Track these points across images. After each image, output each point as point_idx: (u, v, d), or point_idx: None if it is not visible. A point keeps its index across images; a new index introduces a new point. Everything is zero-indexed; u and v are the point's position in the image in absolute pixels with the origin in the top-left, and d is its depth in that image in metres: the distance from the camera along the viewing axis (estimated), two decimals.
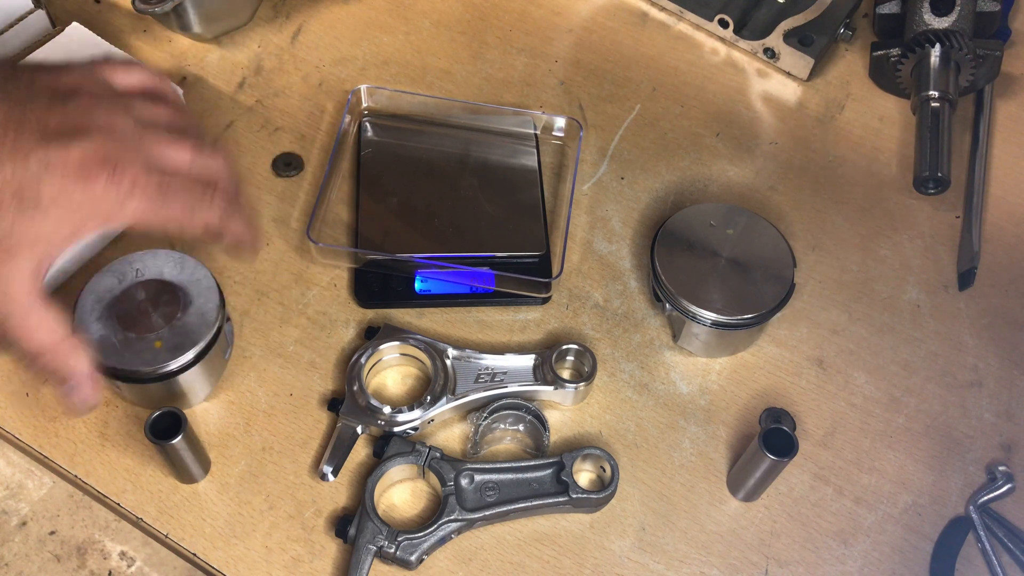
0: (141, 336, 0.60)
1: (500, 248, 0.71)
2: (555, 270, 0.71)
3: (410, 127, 0.78)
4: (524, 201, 0.74)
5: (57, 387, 0.55)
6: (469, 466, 0.62)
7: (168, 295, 0.62)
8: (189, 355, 0.60)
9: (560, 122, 0.78)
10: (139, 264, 0.63)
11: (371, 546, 0.58)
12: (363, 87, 0.77)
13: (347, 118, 0.76)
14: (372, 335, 0.67)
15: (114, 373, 0.59)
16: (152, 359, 0.59)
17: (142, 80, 0.59)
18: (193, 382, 0.62)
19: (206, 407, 0.65)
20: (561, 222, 0.73)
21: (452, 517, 0.60)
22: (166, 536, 0.61)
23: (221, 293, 0.62)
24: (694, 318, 0.66)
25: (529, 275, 0.69)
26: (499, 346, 0.69)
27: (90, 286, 0.62)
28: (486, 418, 0.64)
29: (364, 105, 0.78)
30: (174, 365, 0.60)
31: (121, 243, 0.72)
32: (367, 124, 0.77)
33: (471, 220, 0.73)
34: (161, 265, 0.63)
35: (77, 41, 0.72)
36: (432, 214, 0.73)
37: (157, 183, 0.53)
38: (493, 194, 0.74)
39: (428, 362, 0.66)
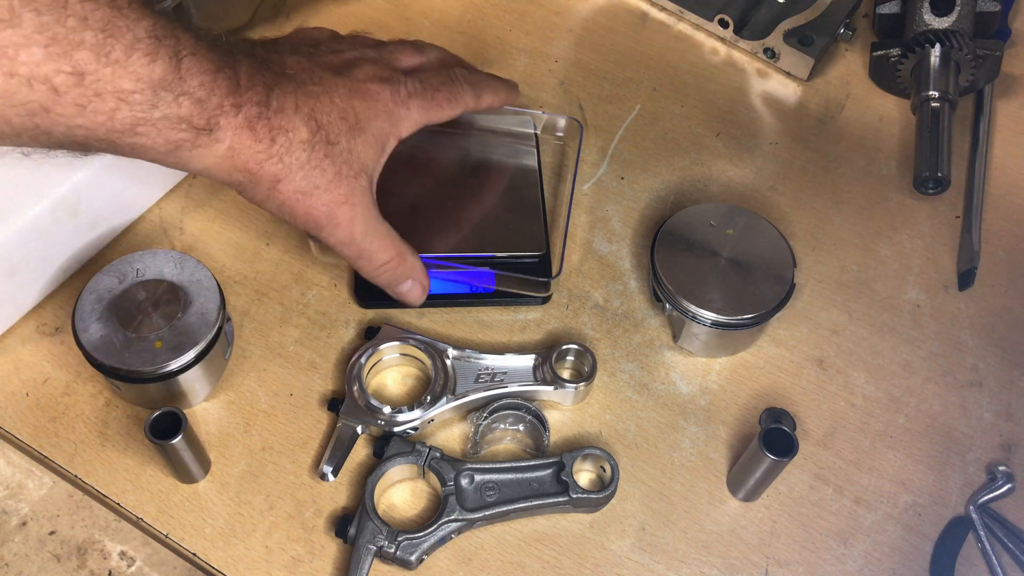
0: (141, 336, 0.60)
1: (500, 248, 0.71)
2: (555, 269, 0.71)
3: (412, 140, 0.77)
4: (524, 201, 0.74)
5: (391, 291, 0.64)
6: (469, 466, 0.62)
7: (168, 295, 0.62)
8: (189, 355, 0.60)
9: (561, 122, 0.78)
10: (139, 264, 0.63)
11: (371, 546, 0.58)
12: None
13: None
14: (372, 335, 0.67)
15: (114, 373, 0.59)
16: (152, 359, 0.59)
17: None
18: (193, 382, 0.62)
19: (206, 407, 0.65)
20: (561, 221, 0.73)
21: (452, 517, 0.60)
22: (166, 536, 0.61)
23: (221, 293, 0.62)
24: (694, 318, 0.66)
25: (529, 275, 0.69)
26: (499, 346, 0.69)
27: (90, 286, 0.62)
28: (486, 418, 0.64)
29: None
30: (174, 365, 0.60)
31: (121, 243, 0.72)
32: None
33: (471, 220, 0.73)
34: (161, 265, 0.63)
35: None
36: (431, 214, 0.73)
37: (421, 84, 0.62)
38: (493, 194, 0.74)
39: (428, 362, 0.66)
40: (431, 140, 0.77)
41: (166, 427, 0.57)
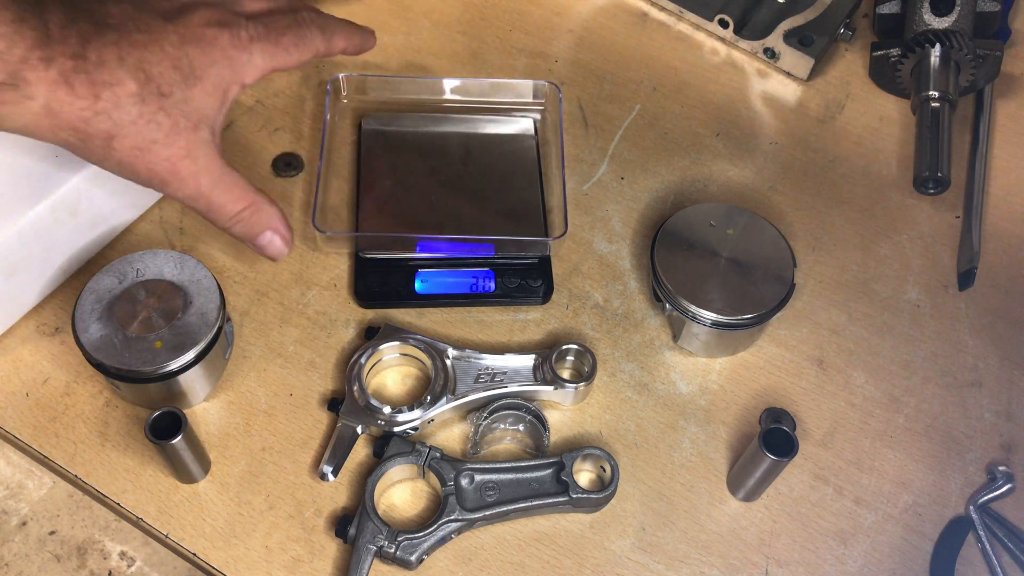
0: (141, 336, 0.60)
1: (500, 232, 0.72)
2: (558, 231, 0.71)
3: (408, 127, 0.78)
4: (522, 184, 0.75)
5: (251, 244, 0.61)
6: (469, 466, 0.62)
7: (168, 295, 0.62)
8: (189, 355, 0.60)
9: (542, 87, 0.79)
10: (139, 264, 0.63)
11: (371, 546, 0.58)
12: (341, 75, 0.78)
13: (328, 108, 0.76)
14: (372, 335, 0.67)
15: (114, 373, 0.59)
16: (152, 359, 0.59)
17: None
18: (193, 382, 0.62)
19: (206, 407, 0.65)
20: (556, 185, 0.74)
21: (452, 517, 0.60)
22: (166, 536, 0.61)
23: (221, 293, 0.62)
24: (694, 318, 0.66)
25: (529, 275, 0.70)
26: (499, 346, 0.69)
27: (90, 286, 0.62)
28: (486, 418, 0.64)
29: (344, 94, 0.78)
30: (174, 365, 0.60)
31: (121, 243, 0.72)
32: (365, 118, 0.77)
33: (470, 206, 0.73)
34: (161, 265, 0.63)
35: None
36: (431, 202, 0.73)
37: (264, 27, 0.59)
38: (492, 179, 0.75)
39: (428, 362, 0.66)
40: (429, 132, 0.77)
41: (166, 427, 0.57)
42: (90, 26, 0.51)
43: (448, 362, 0.66)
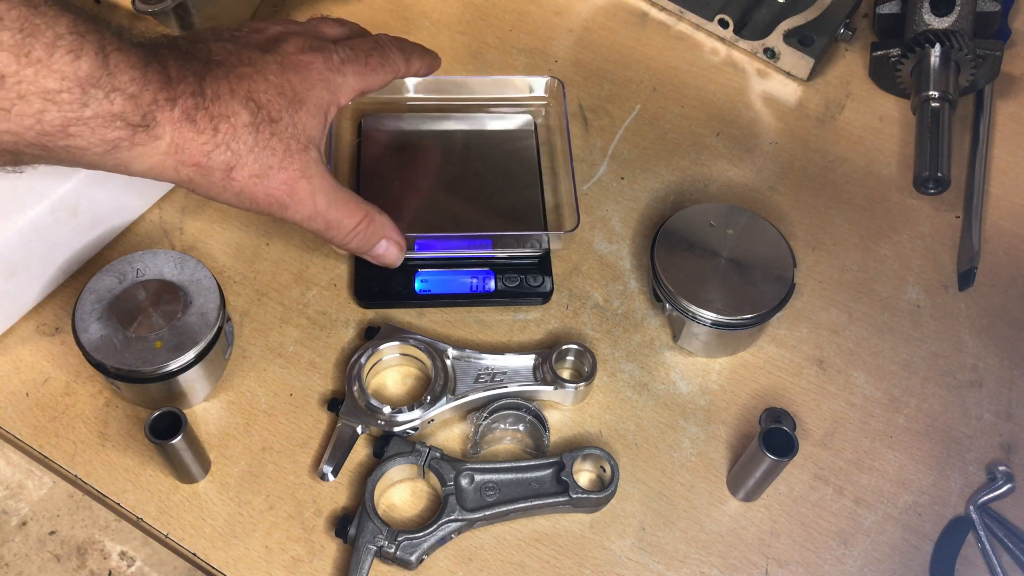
0: (141, 336, 0.60)
1: (501, 227, 0.72)
2: (568, 225, 0.72)
3: (408, 126, 0.78)
4: (522, 182, 0.75)
5: (367, 256, 0.64)
6: (469, 466, 0.62)
7: (168, 295, 0.62)
8: (189, 355, 0.60)
9: (547, 83, 0.79)
10: (139, 264, 0.63)
11: (371, 546, 0.58)
12: None
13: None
14: (372, 335, 0.67)
15: (114, 373, 0.59)
16: (152, 359, 0.59)
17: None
18: (193, 382, 0.62)
19: (206, 407, 0.65)
20: (562, 181, 0.75)
21: (452, 517, 0.60)
22: (166, 536, 0.61)
23: (221, 293, 0.62)
24: (694, 318, 0.66)
25: (530, 273, 0.70)
26: (499, 346, 0.69)
27: (90, 286, 0.62)
28: (486, 418, 0.64)
29: None
30: (174, 365, 0.60)
31: (121, 243, 0.72)
32: (365, 117, 0.78)
33: (471, 205, 0.73)
34: (161, 265, 0.63)
35: None
36: (432, 202, 0.73)
37: (352, 50, 0.62)
38: (492, 178, 0.75)
39: (428, 362, 0.66)
40: (430, 132, 0.78)
41: (166, 427, 0.57)
42: (200, 65, 0.54)
43: (448, 362, 0.66)
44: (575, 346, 0.66)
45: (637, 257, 0.74)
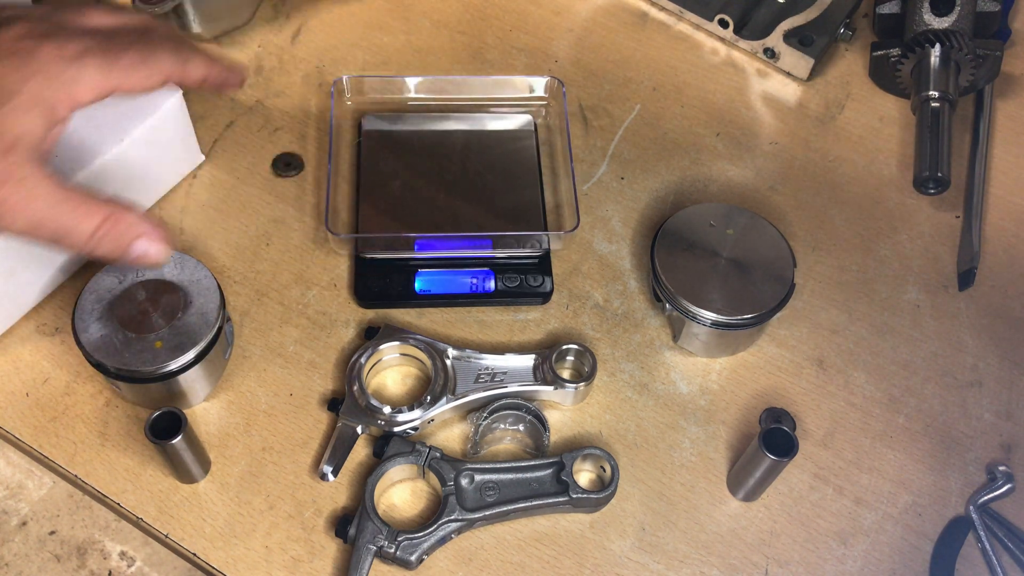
0: (141, 336, 0.60)
1: (501, 227, 0.72)
2: (568, 225, 0.72)
3: (408, 126, 0.78)
4: (522, 182, 0.75)
5: (126, 261, 0.54)
6: (469, 466, 0.62)
7: (168, 295, 0.62)
8: (189, 355, 0.60)
9: (547, 82, 0.79)
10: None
11: (371, 546, 0.58)
12: (344, 77, 0.78)
13: (333, 109, 0.76)
14: (372, 335, 0.67)
15: (114, 373, 0.59)
16: (152, 359, 0.59)
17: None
18: (193, 382, 0.62)
19: (206, 407, 0.65)
20: (562, 181, 0.75)
21: (452, 517, 0.60)
22: (166, 536, 0.61)
23: (221, 293, 0.62)
24: (694, 318, 0.66)
25: (529, 270, 0.70)
26: (499, 346, 0.69)
27: (90, 286, 0.62)
28: (486, 418, 0.64)
29: (347, 95, 0.78)
30: (174, 365, 0.60)
31: None
32: (365, 117, 0.78)
33: (471, 204, 0.73)
34: (161, 266, 0.63)
35: None
36: (432, 202, 0.73)
37: (99, 41, 0.52)
38: (492, 177, 0.75)
39: (428, 362, 0.66)
40: (430, 132, 0.78)
41: (166, 427, 0.57)
42: None
43: (448, 362, 0.66)
44: (575, 346, 0.66)
45: (637, 257, 0.74)
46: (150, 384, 0.60)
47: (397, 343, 0.66)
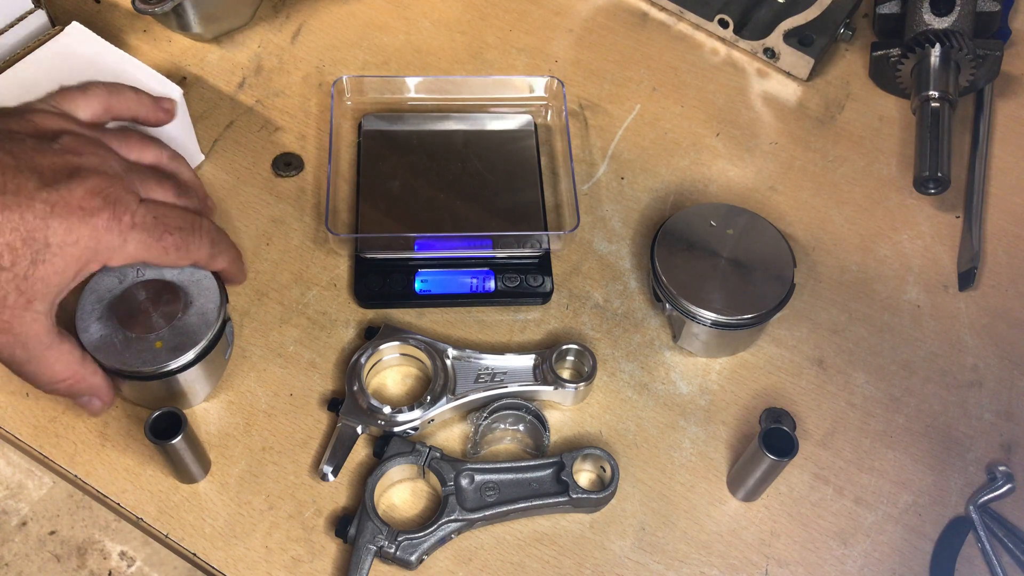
0: (142, 336, 0.60)
1: (501, 227, 0.72)
2: (568, 225, 0.72)
3: (407, 126, 0.78)
4: (522, 183, 0.75)
5: (75, 401, 0.59)
6: (469, 466, 0.62)
7: (169, 295, 0.61)
8: (190, 355, 0.60)
9: (541, 83, 0.79)
10: (140, 264, 0.63)
11: (371, 546, 0.58)
12: (344, 77, 0.78)
13: (333, 109, 0.76)
14: (372, 335, 0.67)
15: (114, 373, 0.59)
16: (153, 359, 0.59)
17: (105, 105, 0.61)
18: (194, 382, 0.62)
19: (206, 407, 0.65)
20: (561, 181, 0.75)
21: (452, 517, 0.60)
22: (166, 536, 0.61)
23: (223, 293, 0.62)
24: (694, 318, 0.66)
25: (529, 270, 0.70)
26: (499, 346, 0.69)
27: (91, 286, 0.61)
28: (486, 418, 0.64)
29: (347, 95, 0.78)
30: (175, 365, 0.60)
31: None
32: (365, 117, 0.78)
33: (471, 205, 0.73)
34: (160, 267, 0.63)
35: (77, 41, 0.72)
36: (432, 202, 0.73)
37: (153, 218, 0.55)
38: (492, 177, 0.75)
39: (428, 362, 0.66)
40: (430, 132, 0.77)
41: (166, 427, 0.57)
42: None
43: (448, 362, 0.66)
44: (575, 346, 0.66)
45: (637, 257, 0.74)
46: (150, 383, 0.60)
47: (397, 343, 0.66)
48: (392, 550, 0.58)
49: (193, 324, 0.61)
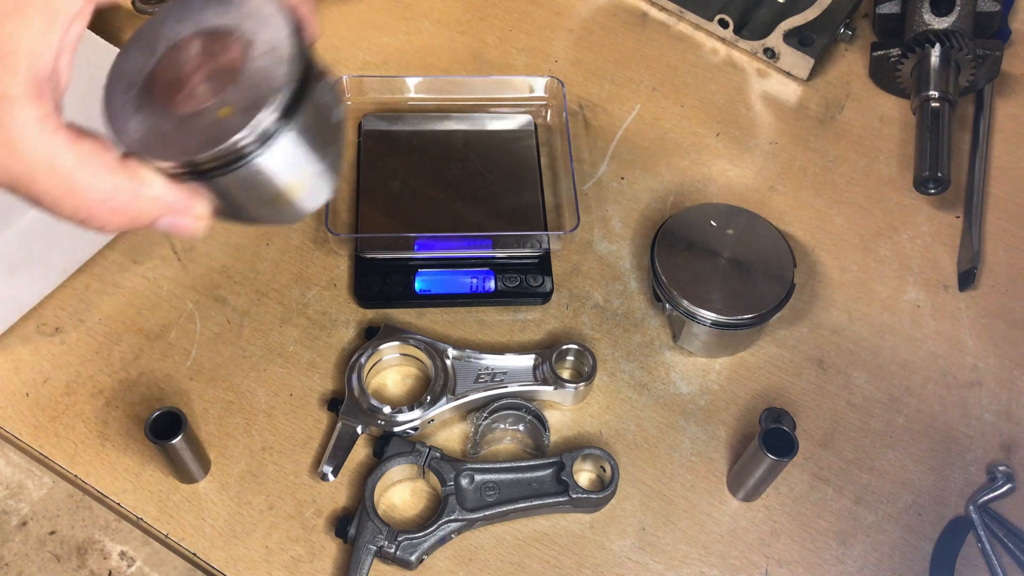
0: (199, 111, 0.41)
1: (501, 227, 0.72)
2: (568, 225, 0.72)
3: (407, 126, 0.78)
4: (522, 182, 0.75)
5: (159, 228, 0.43)
6: (469, 466, 0.62)
7: (218, 45, 0.43)
8: (273, 106, 0.41)
9: (541, 83, 0.79)
10: (167, 25, 0.44)
11: (371, 546, 0.58)
12: (344, 77, 0.78)
13: None
14: (372, 335, 0.67)
15: (186, 173, 0.42)
16: (224, 131, 0.40)
17: None
18: (297, 156, 0.42)
19: (205, 407, 0.65)
20: (562, 180, 0.75)
21: (452, 517, 0.60)
22: (166, 536, 0.61)
23: (292, 19, 0.43)
24: (694, 318, 0.66)
25: (529, 270, 0.70)
26: (499, 346, 0.69)
27: (114, 74, 0.44)
28: (486, 418, 0.64)
29: (347, 95, 0.78)
30: (259, 128, 0.40)
31: (121, 243, 0.72)
32: (365, 117, 0.78)
33: (471, 204, 0.73)
34: (196, 15, 0.44)
35: None
36: (432, 202, 0.73)
37: None
38: (492, 177, 0.75)
39: (428, 362, 0.66)
40: (430, 133, 0.78)
41: (166, 427, 0.57)
42: None
43: (448, 362, 0.66)
44: (575, 346, 0.66)
45: (637, 257, 0.74)
46: (239, 173, 0.41)
47: (397, 343, 0.66)
48: (392, 550, 0.58)
49: (264, 68, 0.41)
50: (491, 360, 0.66)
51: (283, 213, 0.45)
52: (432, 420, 0.64)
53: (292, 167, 0.42)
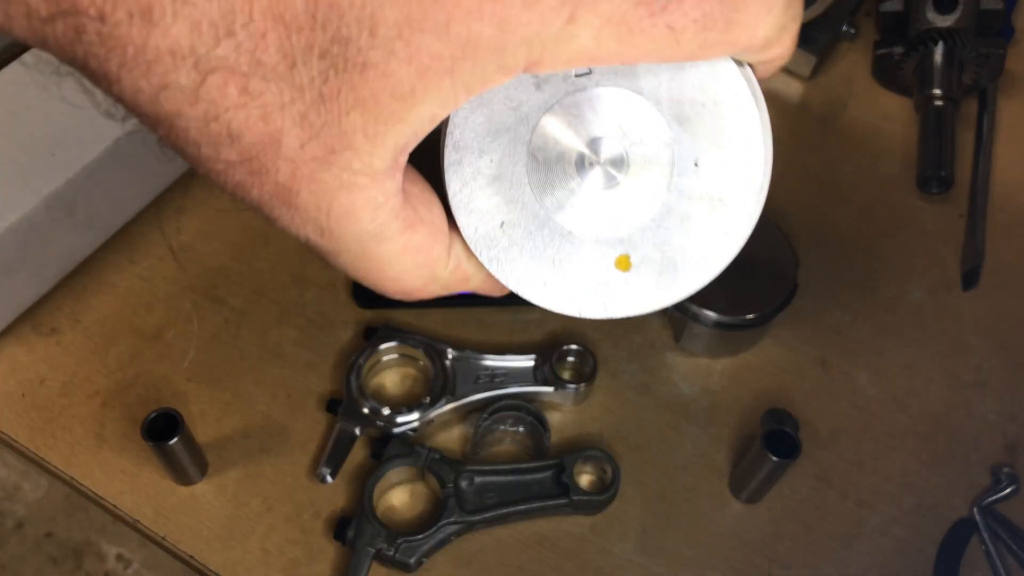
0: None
1: None
2: None
3: None
4: None
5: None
6: (469, 468, 0.61)
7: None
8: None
9: None
10: (595, 64, 0.32)
11: (370, 548, 0.58)
12: None
13: None
14: (371, 335, 0.66)
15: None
16: None
17: None
18: None
19: (203, 409, 0.65)
20: None
21: (451, 519, 0.59)
22: (163, 538, 0.60)
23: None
24: (696, 319, 0.65)
25: None
26: (499, 346, 0.69)
27: (461, 118, 0.35)
28: (486, 419, 0.63)
29: None
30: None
31: (118, 242, 0.71)
32: None
33: None
34: None
35: None
36: None
37: None
38: None
39: (427, 363, 0.65)
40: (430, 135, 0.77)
41: (163, 428, 0.56)
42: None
43: (448, 363, 0.65)
44: (576, 347, 0.66)
45: None
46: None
47: (396, 343, 0.65)
48: (391, 552, 0.58)
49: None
50: (491, 361, 0.66)
51: None
52: (431, 421, 0.63)
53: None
